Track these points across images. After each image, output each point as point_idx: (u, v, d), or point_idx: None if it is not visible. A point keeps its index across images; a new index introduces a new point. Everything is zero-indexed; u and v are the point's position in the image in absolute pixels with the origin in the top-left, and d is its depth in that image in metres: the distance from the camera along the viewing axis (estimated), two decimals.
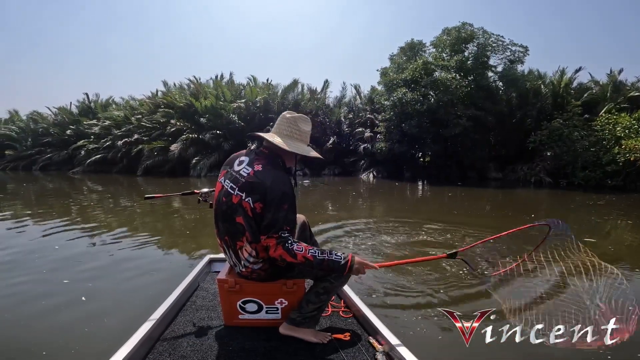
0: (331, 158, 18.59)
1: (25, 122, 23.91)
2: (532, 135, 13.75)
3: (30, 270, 3.45)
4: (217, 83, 20.60)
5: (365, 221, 6.09)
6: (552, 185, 12.82)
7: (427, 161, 17.21)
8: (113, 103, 23.63)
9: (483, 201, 9.73)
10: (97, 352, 2.01)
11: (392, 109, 15.59)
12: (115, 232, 5.22)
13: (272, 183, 1.39)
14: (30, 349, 2.16)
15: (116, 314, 2.57)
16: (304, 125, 1.55)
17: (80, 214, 7.02)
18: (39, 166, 21.27)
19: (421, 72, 14.98)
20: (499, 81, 15.99)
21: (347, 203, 9.13)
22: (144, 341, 1.42)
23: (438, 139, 14.46)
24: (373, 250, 4.23)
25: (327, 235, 4.95)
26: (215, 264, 2.44)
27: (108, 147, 19.39)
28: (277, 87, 20.98)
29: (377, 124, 17.04)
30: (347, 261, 1.40)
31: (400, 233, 5.05)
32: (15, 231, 5.40)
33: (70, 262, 3.76)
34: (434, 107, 13.76)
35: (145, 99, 21.24)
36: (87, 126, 20.82)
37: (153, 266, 3.66)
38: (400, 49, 18.12)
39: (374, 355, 1.44)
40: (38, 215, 6.85)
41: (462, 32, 16.17)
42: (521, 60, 15.36)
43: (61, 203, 8.72)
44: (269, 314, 1.65)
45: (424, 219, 6.28)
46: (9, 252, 4.10)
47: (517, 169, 14.23)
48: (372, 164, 16.78)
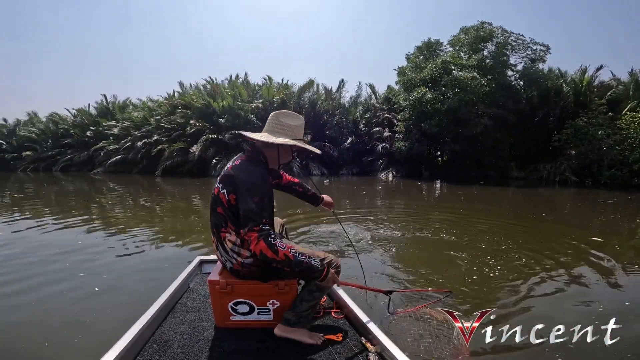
0: (349, 158, 18.67)
1: (45, 123, 24.31)
2: (556, 134, 13.65)
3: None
4: (234, 83, 20.76)
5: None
6: (578, 184, 12.71)
7: (445, 160, 17.16)
8: (130, 104, 23.95)
9: (515, 200, 9.70)
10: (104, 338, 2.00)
11: (411, 109, 15.59)
12: (133, 231, 5.29)
13: (242, 174, 1.44)
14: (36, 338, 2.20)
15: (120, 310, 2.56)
16: (287, 119, 1.59)
17: (101, 213, 7.15)
18: (59, 167, 21.64)
19: (440, 72, 14.98)
20: (519, 80, 15.89)
21: (383, 203, 9.17)
22: (133, 343, 1.40)
23: (458, 138, 14.42)
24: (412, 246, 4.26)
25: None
26: (206, 265, 2.40)
27: (128, 148, 19.66)
28: (292, 86, 21.11)
29: (396, 123, 17.03)
30: (324, 269, 1.45)
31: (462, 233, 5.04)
32: (41, 229, 5.47)
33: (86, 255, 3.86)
34: (454, 106, 13.73)
35: (163, 100, 21.49)
36: (107, 127, 21.12)
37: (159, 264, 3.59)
38: (417, 48, 18.10)
39: (366, 355, 1.44)
40: (66, 213, 6.99)
41: (480, 31, 16.13)
42: (542, 58, 15.26)
43: (88, 202, 8.91)
44: (261, 316, 1.63)
45: (470, 217, 6.30)
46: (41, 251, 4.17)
47: (539, 168, 14.13)
48: (391, 164, 16.78)
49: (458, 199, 9.70)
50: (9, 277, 3.24)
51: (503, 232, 5.06)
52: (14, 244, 4.46)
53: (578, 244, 4.51)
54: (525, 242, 4.50)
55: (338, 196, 9.81)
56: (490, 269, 3.40)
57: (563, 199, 10.31)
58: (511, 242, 4.45)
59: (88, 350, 1.97)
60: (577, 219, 6.83)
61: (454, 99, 13.60)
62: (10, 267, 3.54)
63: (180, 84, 22.57)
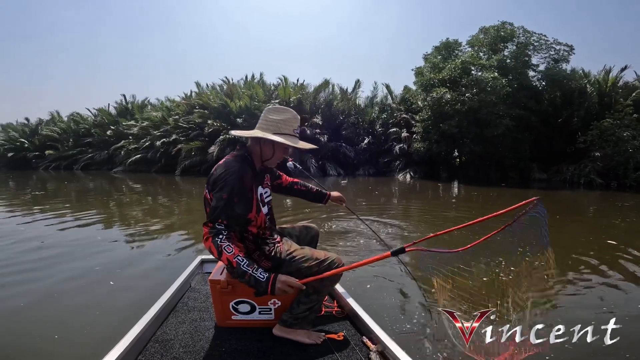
0: (365, 158, 18.64)
1: (66, 123, 24.90)
2: (580, 136, 13.39)
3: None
4: (250, 83, 20.94)
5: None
6: (603, 187, 12.44)
7: (463, 161, 16.98)
8: (149, 104, 24.37)
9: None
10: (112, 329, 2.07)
11: (429, 109, 15.49)
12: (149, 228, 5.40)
13: (217, 171, 1.41)
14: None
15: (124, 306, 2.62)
16: (272, 114, 1.53)
17: (120, 210, 7.34)
18: (80, 166, 22.16)
19: (460, 72, 14.84)
20: (541, 80, 15.65)
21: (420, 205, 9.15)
22: (135, 342, 1.41)
23: (478, 139, 14.26)
24: None
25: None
26: (207, 265, 2.40)
27: (147, 147, 20.01)
28: (308, 87, 21.18)
29: (414, 124, 16.93)
30: (268, 282, 1.32)
31: None
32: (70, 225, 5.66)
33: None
34: (475, 106, 13.58)
35: (181, 100, 21.81)
36: (126, 127, 21.52)
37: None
38: (435, 48, 17.98)
39: (367, 355, 1.43)
40: (90, 211, 7.18)
41: (501, 31, 15.93)
42: (566, 59, 14.99)
43: (108, 200, 9.13)
44: (262, 315, 1.62)
45: None
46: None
47: (562, 169, 13.87)
48: (408, 165, 16.69)
49: (480, 200, 9.61)
50: (24, 270, 3.36)
51: None
52: (33, 239, 4.58)
53: (590, 245, 4.46)
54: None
55: (356, 196, 9.83)
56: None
57: (585, 201, 10.10)
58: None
59: (94, 344, 1.98)
60: (595, 221, 6.69)
61: (475, 100, 13.45)
62: (29, 260, 3.66)
63: (196, 84, 22.85)
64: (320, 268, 1.49)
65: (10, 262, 3.63)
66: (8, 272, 3.34)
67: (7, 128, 27.10)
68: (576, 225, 6.10)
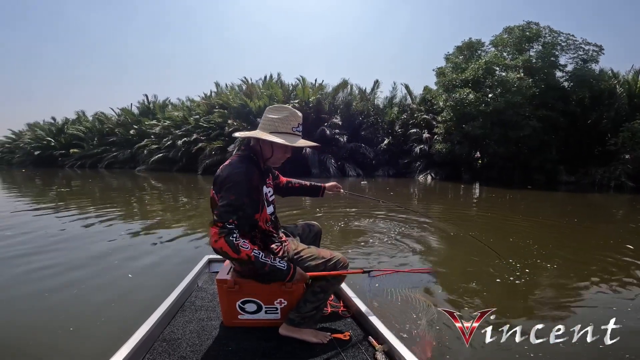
0: (385, 159, 18.59)
1: (91, 122, 25.64)
2: (610, 137, 13.05)
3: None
4: (270, 84, 21.10)
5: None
6: (634, 190, 12.09)
7: (484, 163, 16.74)
8: (170, 104, 24.86)
9: (570, 204, 9.36)
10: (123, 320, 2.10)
11: (451, 110, 15.34)
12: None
13: (224, 172, 1.41)
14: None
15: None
16: (271, 112, 1.52)
17: (141, 208, 7.46)
18: (104, 164, 22.80)
19: (483, 72, 14.64)
20: (568, 81, 15.31)
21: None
22: (143, 341, 1.42)
23: (503, 140, 14.04)
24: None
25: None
26: (214, 265, 2.41)
27: (169, 147, 20.43)
28: (326, 87, 21.24)
29: (435, 124, 16.79)
30: (289, 269, 1.42)
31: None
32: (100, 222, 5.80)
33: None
34: (501, 107, 13.38)
35: (201, 100, 22.17)
36: (149, 126, 22.02)
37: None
38: (457, 48, 17.77)
39: (373, 354, 1.42)
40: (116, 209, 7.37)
41: (526, 31, 15.65)
42: (595, 59, 14.62)
43: (130, 197, 9.36)
44: (269, 314, 1.63)
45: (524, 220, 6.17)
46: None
47: (591, 172, 13.54)
48: (429, 166, 16.57)
49: (507, 202, 9.47)
50: (49, 262, 3.46)
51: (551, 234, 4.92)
52: (58, 235, 4.71)
53: (603, 246, 4.38)
54: (557, 246, 4.39)
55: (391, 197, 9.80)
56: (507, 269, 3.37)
57: (615, 204, 9.81)
58: (538, 244, 4.35)
59: (107, 340, 2.00)
60: (620, 225, 6.47)
61: (501, 101, 13.26)
62: (54, 253, 3.77)
63: (216, 84, 23.23)
64: (326, 267, 1.54)
65: (37, 251, 3.83)
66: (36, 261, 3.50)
67: (33, 127, 28.10)
68: (603, 228, 5.98)
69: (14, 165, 27.49)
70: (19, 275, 3.13)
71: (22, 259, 3.55)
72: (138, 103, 25.09)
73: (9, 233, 4.68)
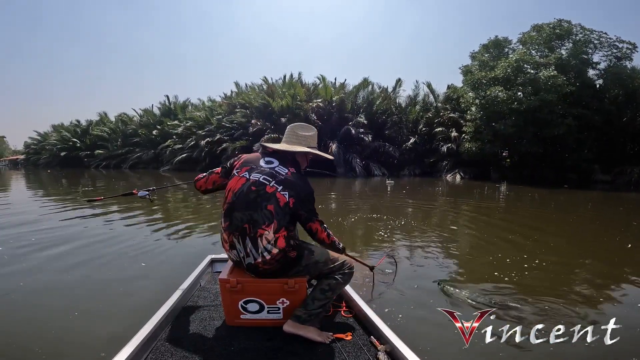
0: (410, 158, 18.48)
1: (114, 123, 26.08)
2: None
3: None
4: (292, 83, 21.12)
5: None
6: None
7: (514, 162, 16.51)
8: (190, 104, 25.13)
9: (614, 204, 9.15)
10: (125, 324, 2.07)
11: (480, 108, 15.16)
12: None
13: (305, 185, 1.65)
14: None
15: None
16: (301, 130, 1.77)
17: (164, 207, 7.50)
18: (128, 165, 23.17)
19: (514, 70, 14.44)
20: (600, 79, 15.01)
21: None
22: (146, 341, 1.42)
23: (536, 139, 13.83)
24: None
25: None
26: (217, 264, 2.41)
27: (192, 147, 20.66)
28: (347, 86, 21.19)
29: (463, 123, 16.61)
30: (344, 248, 1.81)
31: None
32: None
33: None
34: (535, 105, 13.17)
35: (223, 100, 22.34)
36: (171, 127, 22.29)
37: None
38: (483, 46, 17.56)
39: (375, 354, 1.42)
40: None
41: (557, 29, 15.38)
42: (629, 57, 14.32)
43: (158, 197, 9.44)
44: (271, 314, 1.64)
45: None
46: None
47: (626, 170, 13.25)
48: (457, 165, 16.42)
49: (550, 203, 9.31)
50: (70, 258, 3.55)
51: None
52: (81, 233, 4.78)
53: (608, 247, 4.32)
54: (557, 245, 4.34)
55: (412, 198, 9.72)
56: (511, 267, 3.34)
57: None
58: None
59: (107, 339, 2.00)
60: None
61: (535, 99, 13.05)
62: (77, 249, 3.87)
63: (236, 84, 23.32)
64: (334, 265, 1.68)
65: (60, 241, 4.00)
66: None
67: (58, 129, 28.70)
68: (634, 229, 5.83)
69: (40, 166, 28.11)
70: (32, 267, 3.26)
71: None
72: (159, 104, 25.44)
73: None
